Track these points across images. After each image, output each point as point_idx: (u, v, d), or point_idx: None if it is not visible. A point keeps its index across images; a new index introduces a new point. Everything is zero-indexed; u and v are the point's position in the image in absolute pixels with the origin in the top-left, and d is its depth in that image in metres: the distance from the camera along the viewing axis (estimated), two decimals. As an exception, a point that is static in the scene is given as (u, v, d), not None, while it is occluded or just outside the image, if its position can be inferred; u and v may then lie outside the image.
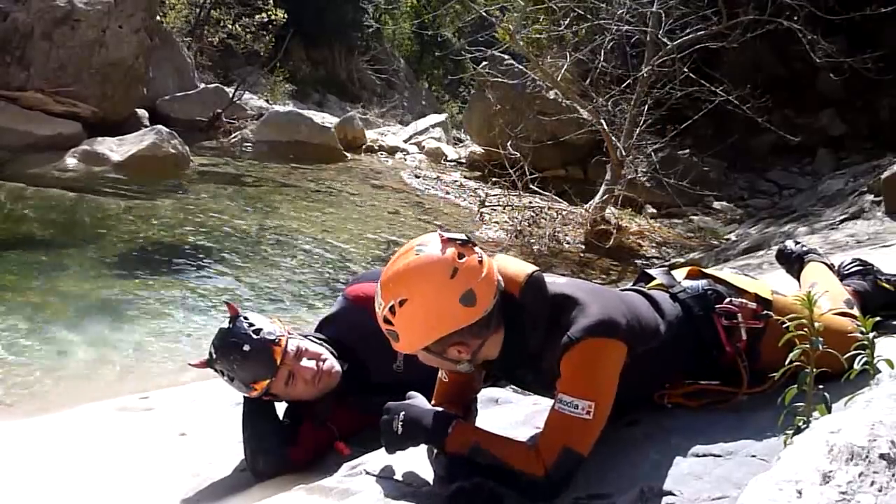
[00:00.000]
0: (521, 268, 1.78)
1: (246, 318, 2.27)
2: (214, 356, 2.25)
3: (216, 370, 2.27)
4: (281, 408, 2.41)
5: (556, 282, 1.81)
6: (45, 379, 4.00)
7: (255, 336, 2.20)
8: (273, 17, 16.15)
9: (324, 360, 2.28)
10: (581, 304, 1.70)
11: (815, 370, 1.51)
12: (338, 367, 2.31)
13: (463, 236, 1.71)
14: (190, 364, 2.41)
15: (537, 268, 1.79)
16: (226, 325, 2.28)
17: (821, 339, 1.53)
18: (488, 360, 1.79)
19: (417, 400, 1.84)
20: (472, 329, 1.67)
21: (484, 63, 10.99)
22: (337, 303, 2.52)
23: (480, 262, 1.68)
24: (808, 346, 1.53)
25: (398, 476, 1.89)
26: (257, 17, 16.25)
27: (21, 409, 3.61)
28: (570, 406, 1.63)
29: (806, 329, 1.54)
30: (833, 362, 1.57)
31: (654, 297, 1.93)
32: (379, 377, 2.32)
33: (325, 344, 2.37)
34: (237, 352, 2.20)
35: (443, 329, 1.66)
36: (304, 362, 2.24)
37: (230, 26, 16.44)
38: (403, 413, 1.77)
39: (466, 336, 1.68)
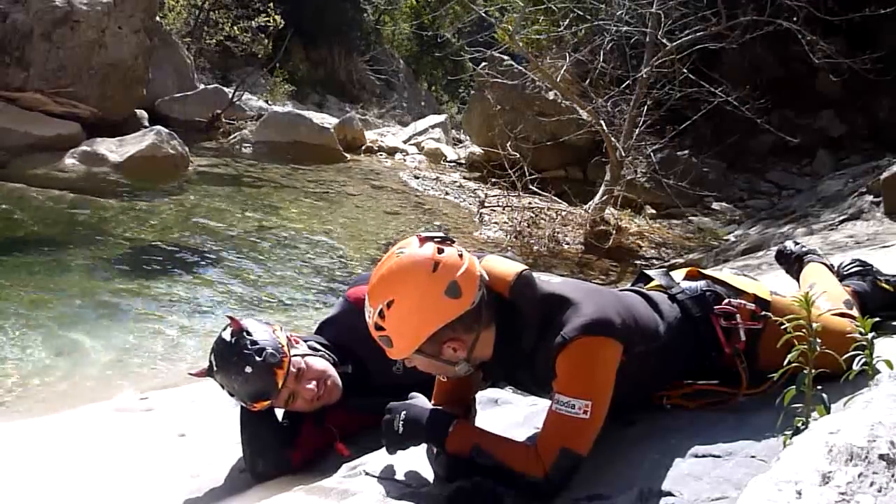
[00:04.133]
0: (509, 267, 1.78)
1: (249, 332, 2.21)
2: (215, 369, 2.22)
3: (216, 381, 2.25)
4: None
5: (551, 281, 1.81)
6: (45, 379, 4.01)
7: (257, 357, 2.16)
8: (270, 22, 16.12)
9: (326, 379, 2.26)
10: (575, 304, 1.70)
11: (813, 371, 1.51)
12: (339, 384, 2.29)
13: (440, 234, 1.74)
14: (190, 374, 2.40)
15: (526, 267, 1.79)
16: (227, 335, 2.22)
17: (818, 339, 1.54)
18: (485, 362, 1.79)
19: (419, 400, 1.84)
20: (463, 322, 1.67)
21: (483, 63, 11.01)
22: (337, 304, 2.51)
23: (460, 255, 1.70)
24: (806, 346, 1.53)
25: (398, 476, 1.89)
26: (255, 20, 16.23)
27: (20, 409, 3.62)
28: (566, 406, 1.63)
29: (804, 330, 1.54)
30: (832, 363, 1.57)
31: (652, 298, 1.93)
32: (379, 379, 2.32)
33: (327, 351, 2.36)
34: (238, 372, 2.16)
35: (433, 324, 1.66)
36: (306, 384, 2.22)
37: (228, 29, 16.42)
38: (405, 412, 1.78)
39: (458, 330, 1.68)
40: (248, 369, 2.15)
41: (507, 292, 1.74)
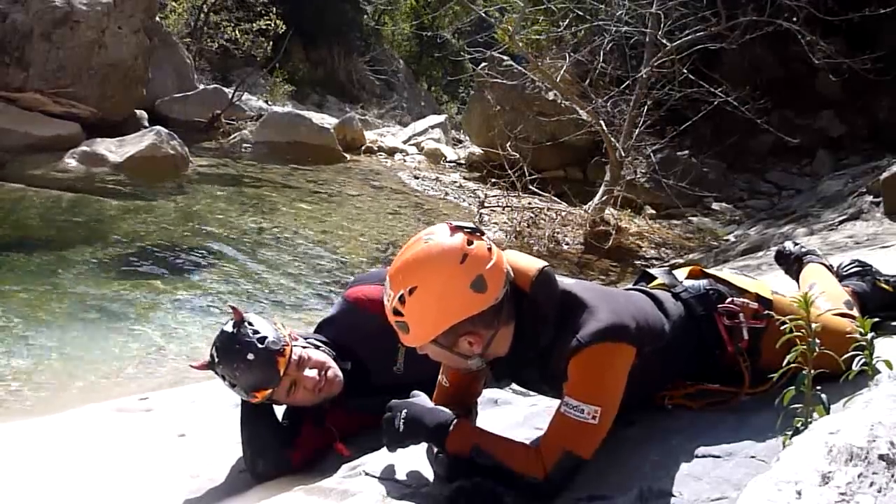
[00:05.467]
0: (531, 262, 1.76)
1: (250, 323, 2.22)
2: (217, 360, 2.21)
3: (217, 374, 2.25)
4: (280, 408, 2.40)
5: (565, 281, 1.79)
6: (45, 380, 4.01)
7: (259, 345, 2.16)
8: (271, 25, 16.11)
9: (327, 369, 2.26)
10: (591, 307, 1.69)
11: (813, 371, 1.51)
12: (340, 376, 2.29)
13: (471, 224, 1.70)
14: (191, 366, 2.40)
15: (547, 263, 1.77)
16: (228, 327, 2.23)
17: (818, 340, 1.54)
18: (496, 358, 1.77)
19: (420, 399, 1.83)
20: (484, 318, 1.64)
21: (483, 64, 11.00)
22: (337, 305, 2.51)
23: (490, 249, 1.66)
24: (805, 347, 1.53)
25: (398, 476, 1.88)
26: (256, 23, 16.21)
27: (20, 409, 3.62)
28: (575, 410, 1.62)
29: (804, 330, 1.54)
30: (832, 363, 1.57)
31: (657, 297, 1.93)
32: (379, 378, 2.31)
33: (327, 347, 2.36)
34: (241, 360, 2.16)
35: (454, 317, 1.63)
36: (307, 372, 2.21)
37: (229, 32, 16.42)
38: (405, 411, 1.77)
39: (478, 325, 1.65)
40: (250, 356, 2.15)
41: (528, 288, 1.72)
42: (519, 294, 1.71)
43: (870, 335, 1.56)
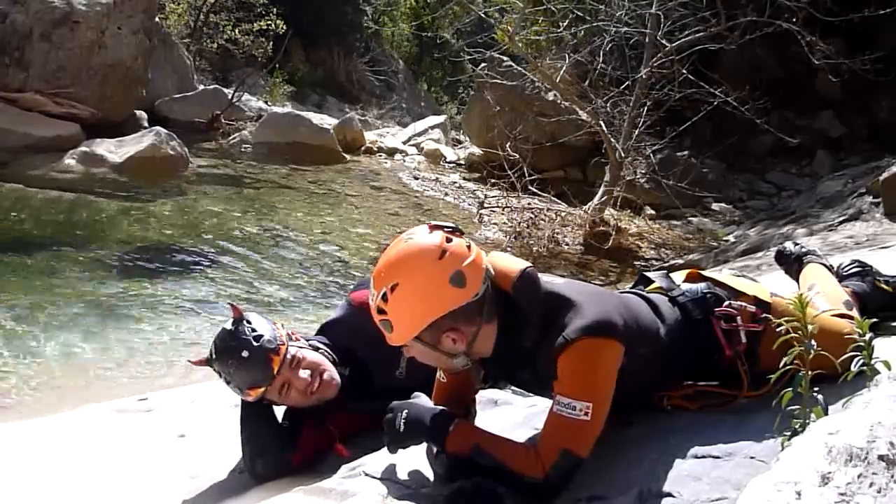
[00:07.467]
0: (514, 264, 1.79)
1: (249, 321, 2.25)
2: (214, 356, 2.24)
3: (214, 370, 2.27)
4: (280, 408, 2.41)
5: (554, 282, 1.80)
6: (44, 380, 4.01)
7: (255, 343, 2.18)
8: (271, 26, 16.10)
9: (322, 372, 2.26)
10: (577, 305, 1.70)
11: (811, 372, 1.51)
12: (337, 379, 2.29)
13: (451, 224, 1.74)
14: (190, 361, 2.41)
15: (531, 265, 1.79)
16: (228, 325, 2.25)
17: (813, 341, 1.54)
18: (485, 359, 1.79)
19: (421, 399, 1.85)
20: (465, 313, 1.67)
21: (483, 64, 11.01)
22: (340, 307, 2.51)
23: (468, 246, 1.71)
24: (802, 348, 1.53)
25: (398, 477, 1.89)
26: (257, 24, 16.21)
27: (20, 410, 3.62)
28: (567, 408, 1.63)
29: (800, 331, 1.54)
30: (830, 364, 1.57)
31: (653, 301, 1.93)
32: (380, 382, 2.31)
33: (327, 350, 2.36)
34: (236, 357, 2.19)
35: (435, 311, 1.66)
36: (301, 373, 2.23)
37: (230, 32, 16.42)
38: (406, 411, 1.79)
39: (459, 321, 1.68)
40: (245, 354, 2.17)
41: (511, 288, 1.74)
42: (503, 294, 1.73)
43: (868, 336, 1.56)
